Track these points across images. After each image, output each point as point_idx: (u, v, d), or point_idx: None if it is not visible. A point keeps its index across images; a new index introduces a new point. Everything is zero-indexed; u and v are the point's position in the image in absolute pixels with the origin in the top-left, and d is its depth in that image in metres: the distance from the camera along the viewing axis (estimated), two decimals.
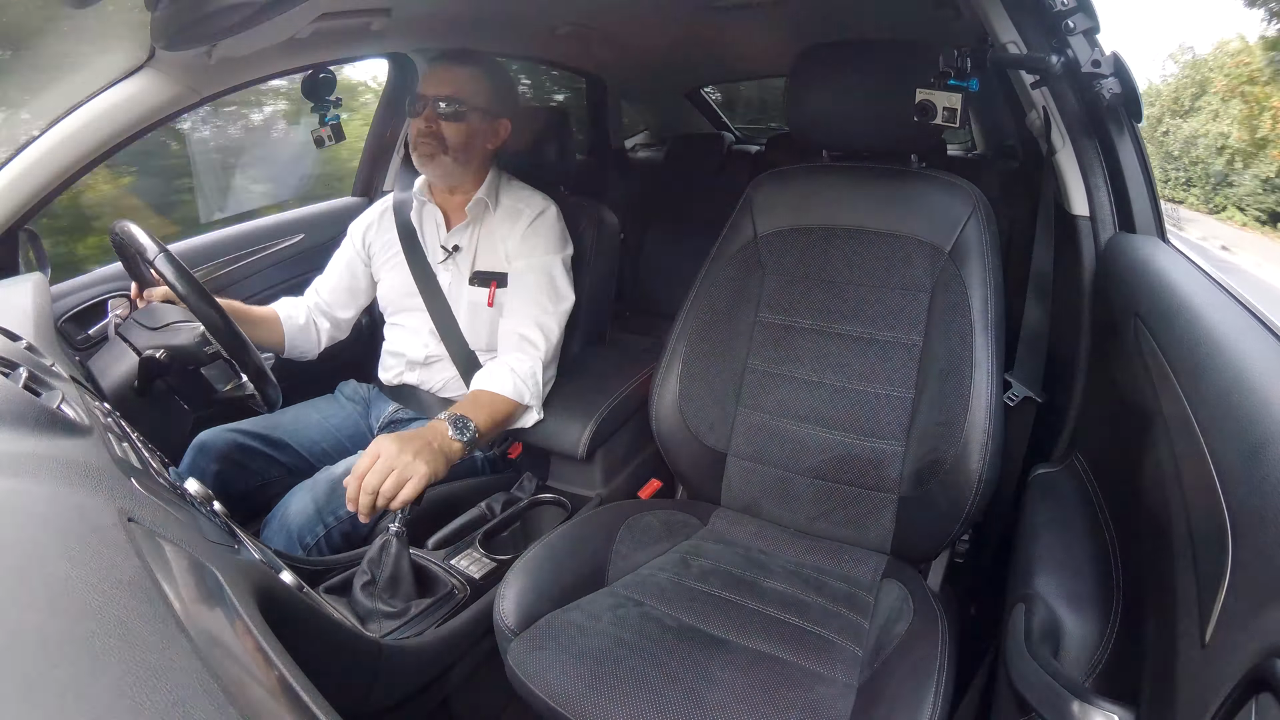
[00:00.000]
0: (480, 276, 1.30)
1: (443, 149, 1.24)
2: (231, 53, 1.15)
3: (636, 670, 0.84)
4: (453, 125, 1.24)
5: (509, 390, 1.15)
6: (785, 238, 1.20)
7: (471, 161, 1.28)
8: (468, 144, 1.26)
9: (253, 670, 0.40)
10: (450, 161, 1.25)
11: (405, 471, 0.93)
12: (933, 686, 0.79)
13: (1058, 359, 1.17)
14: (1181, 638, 0.52)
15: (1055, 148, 1.08)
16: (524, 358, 1.20)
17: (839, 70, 1.15)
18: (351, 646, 0.78)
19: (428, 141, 1.23)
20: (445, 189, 1.33)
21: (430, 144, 1.23)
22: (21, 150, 1.10)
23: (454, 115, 1.23)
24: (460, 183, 1.31)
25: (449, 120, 1.23)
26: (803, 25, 1.83)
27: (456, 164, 1.26)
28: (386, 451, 0.94)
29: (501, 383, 1.15)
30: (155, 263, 0.93)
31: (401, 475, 0.93)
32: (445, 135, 1.23)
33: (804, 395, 1.15)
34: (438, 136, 1.23)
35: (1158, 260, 0.90)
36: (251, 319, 1.27)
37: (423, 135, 1.24)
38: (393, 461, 0.93)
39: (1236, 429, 0.54)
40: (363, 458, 0.95)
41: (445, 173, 1.27)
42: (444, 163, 1.25)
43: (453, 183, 1.31)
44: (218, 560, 0.50)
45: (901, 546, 1.10)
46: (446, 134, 1.23)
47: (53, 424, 0.49)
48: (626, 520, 1.11)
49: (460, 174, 1.29)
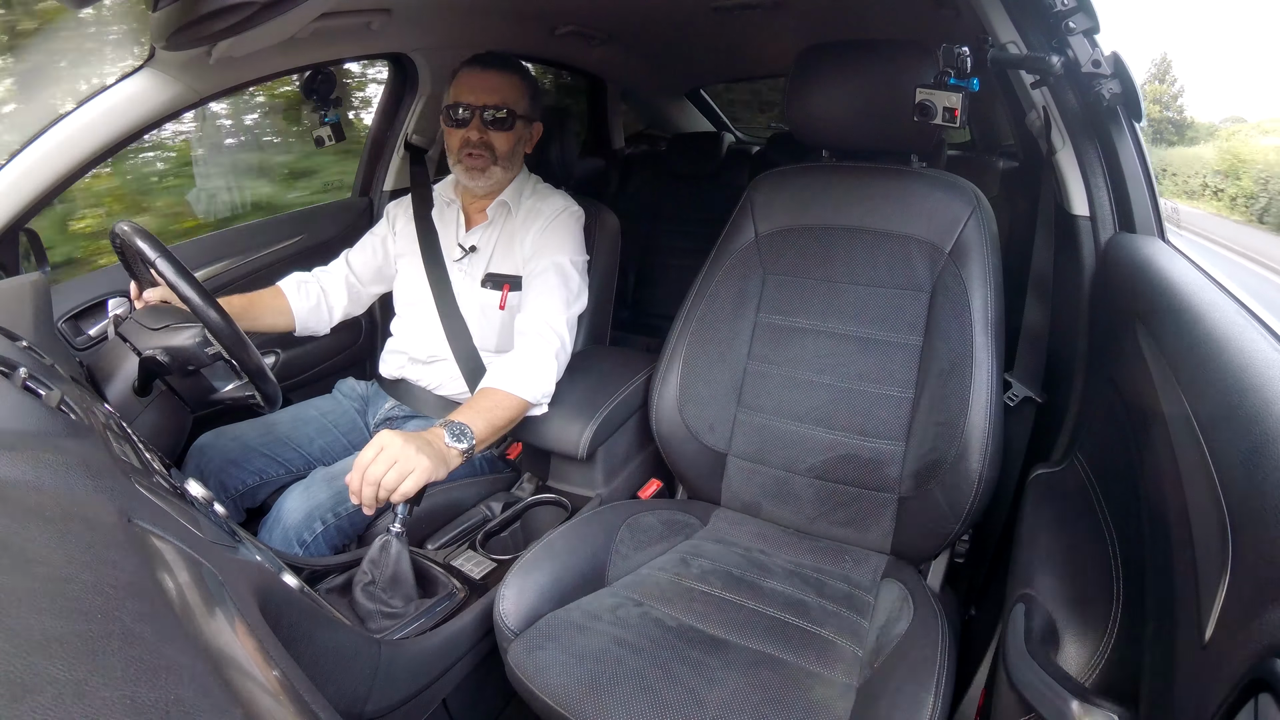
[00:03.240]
0: (493, 279, 1.30)
1: (494, 159, 1.23)
2: (231, 53, 1.15)
3: (636, 670, 0.84)
4: (501, 134, 1.23)
5: (523, 390, 1.12)
6: (785, 237, 1.20)
7: (513, 168, 1.28)
8: (513, 151, 1.25)
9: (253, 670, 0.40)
10: (500, 170, 1.25)
11: (407, 464, 0.92)
12: (933, 686, 0.79)
13: (1058, 359, 1.17)
14: (1181, 638, 0.52)
15: (1055, 148, 1.08)
16: (545, 354, 1.17)
17: (839, 70, 1.15)
18: (351, 646, 0.78)
19: (480, 153, 1.22)
20: (483, 194, 1.31)
21: (483, 155, 1.22)
22: (21, 150, 1.10)
23: (503, 124, 1.22)
24: (499, 188, 1.30)
25: (498, 129, 1.22)
26: (803, 25, 1.83)
27: (504, 171, 1.26)
28: (390, 444, 0.93)
29: (516, 383, 1.12)
30: (155, 263, 0.93)
31: (404, 468, 0.92)
32: (495, 144, 1.22)
33: (804, 395, 1.15)
34: (489, 146, 1.22)
35: (1158, 260, 0.90)
36: (258, 307, 1.27)
37: (473, 146, 1.22)
38: (396, 454, 0.92)
39: (1236, 429, 0.54)
40: (365, 450, 0.94)
41: (495, 182, 1.26)
42: (494, 172, 1.24)
43: (495, 189, 1.29)
44: (218, 560, 0.50)
45: (901, 546, 1.10)
46: (496, 143, 1.22)
47: (53, 424, 0.49)
48: (626, 520, 1.11)
49: (504, 181, 1.28)
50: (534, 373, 1.14)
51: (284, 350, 1.51)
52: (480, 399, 1.11)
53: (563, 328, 1.20)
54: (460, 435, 1.01)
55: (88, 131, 1.12)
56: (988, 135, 2.31)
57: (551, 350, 1.17)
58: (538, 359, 1.15)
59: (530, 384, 1.13)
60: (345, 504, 1.06)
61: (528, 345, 1.17)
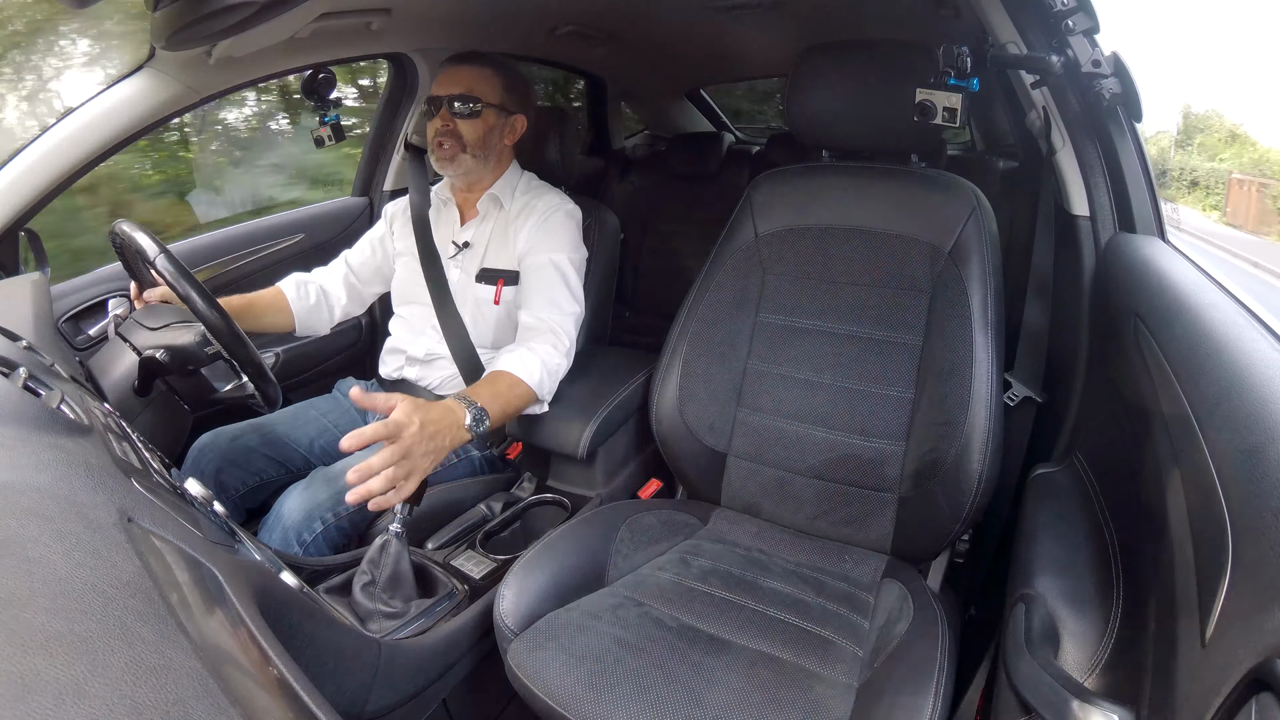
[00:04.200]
0: (487, 274, 1.30)
1: (461, 147, 1.25)
2: (231, 53, 1.15)
3: (636, 670, 0.84)
4: (468, 122, 1.24)
5: (534, 381, 1.12)
6: (785, 238, 1.20)
7: (490, 157, 1.29)
8: (485, 140, 1.27)
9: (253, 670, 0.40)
10: (470, 159, 1.26)
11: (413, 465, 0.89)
12: (933, 686, 0.79)
13: (1058, 359, 1.17)
14: (1181, 638, 0.52)
15: (1055, 148, 1.08)
16: (556, 351, 1.18)
17: (839, 70, 1.15)
18: (351, 646, 0.78)
19: (447, 141, 1.24)
20: (464, 186, 1.34)
21: (450, 143, 1.24)
22: (22, 150, 1.10)
23: (468, 112, 1.24)
24: (479, 179, 1.32)
25: (464, 118, 1.24)
26: (803, 25, 1.83)
27: (476, 160, 1.27)
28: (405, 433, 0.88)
29: (530, 371, 1.12)
30: (155, 263, 0.93)
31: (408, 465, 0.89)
32: (462, 133, 1.24)
33: (804, 395, 1.15)
34: (455, 135, 1.24)
35: (1158, 260, 0.90)
36: (259, 306, 1.28)
37: (441, 135, 1.24)
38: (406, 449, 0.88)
39: (1236, 429, 0.54)
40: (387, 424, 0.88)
41: (466, 170, 1.28)
42: (464, 161, 1.26)
43: (472, 179, 1.31)
44: (218, 560, 0.50)
45: (901, 546, 1.10)
46: (463, 131, 1.24)
47: (53, 424, 0.49)
48: (626, 520, 1.11)
49: (480, 170, 1.30)
50: (544, 367, 1.15)
51: (284, 350, 1.52)
52: (496, 379, 1.10)
53: (569, 326, 1.21)
54: (479, 421, 1.00)
55: (88, 131, 1.12)
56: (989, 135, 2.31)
57: (562, 350, 1.19)
58: (548, 354, 1.16)
59: (540, 377, 1.14)
60: (345, 504, 1.06)
61: (537, 341, 1.18)
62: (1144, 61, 0.93)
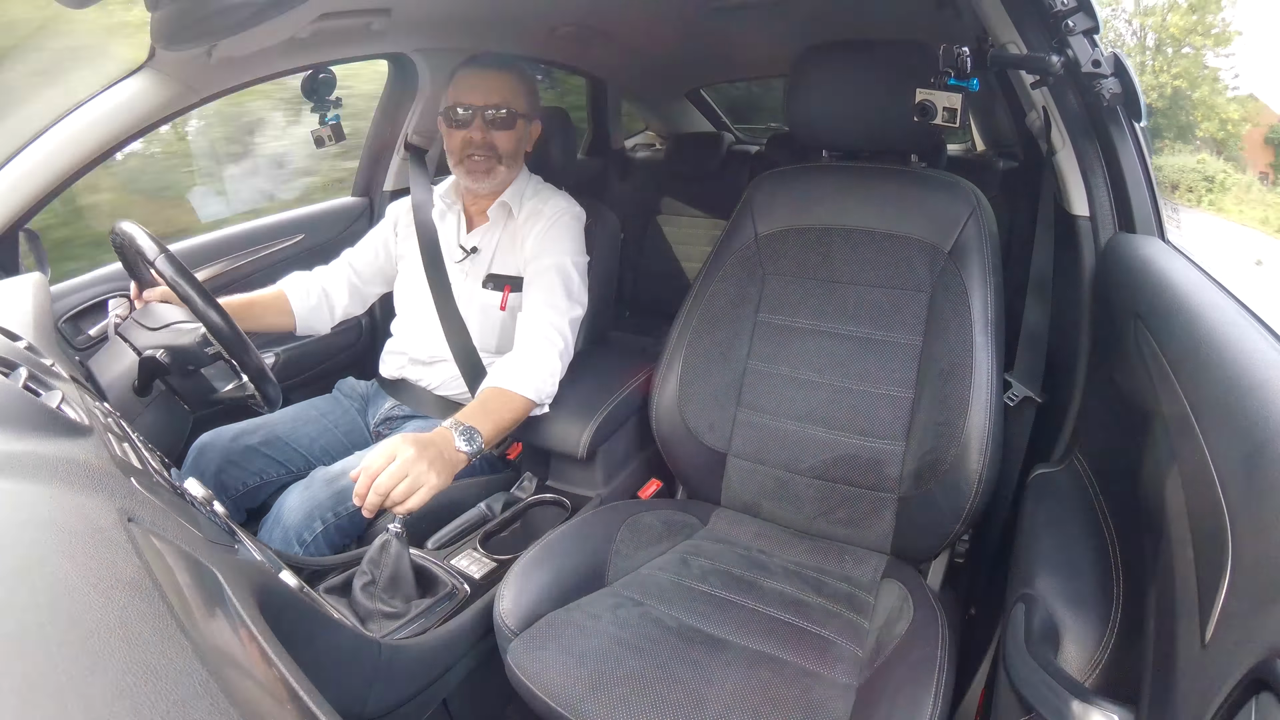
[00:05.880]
0: (494, 280, 1.30)
1: (497, 159, 1.22)
2: (231, 53, 1.15)
3: (636, 670, 0.84)
4: (504, 134, 1.22)
5: (528, 390, 1.12)
6: (785, 238, 1.20)
7: (515, 167, 1.28)
8: (516, 150, 1.25)
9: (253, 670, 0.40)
10: (504, 171, 1.25)
11: (418, 480, 0.92)
12: (933, 686, 0.79)
13: (1058, 359, 1.17)
14: (1181, 638, 0.52)
15: (1055, 148, 1.08)
16: (550, 353, 1.17)
17: (839, 70, 1.15)
18: (351, 646, 0.78)
19: (480, 154, 1.21)
20: (485, 194, 1.30)
21: (485, 156, 1.21)
22: (21, 150, 1.10)
23: (505, 123, 1.22)
24: (502, 189, 1.30)
25: (500, 129, 1.22)
26: (803, 25, 1.83)
27: (509, 171, 1.26)
28: (404, 455, 0.92)
29: (523, 383, 1.12)
30: (155, 263, 0.93)
31: (414, 483, 0.92)
32: (497, 144, 1.22)
33: (804, 395, 1.15)
34: (490, 147, 1.21)
35: (1158, 260, 0.90)
36: (259, 307, 1.27)
37: (475, 147, 1.21)
38: (408, 467, 0.92)
39: (1236, 429, 0.54)
40: (377, 455, 0.93)
41: (499, 183, 1.26)
42: (499, 173, 1.24)
43: (498, 190, 1.29)
44: (218, 560, 0.50)
45: (901, 546, 1.10)
46: (498, 143, 1.22)
47: (53, 424, 0.49)
48: (626, 520, 1.11)
49: (507, 181, 1.28)
50: (538, 372, 1.14)
51: (284, 350, 1.51)
52: (487, 399, 1.10)
53: (565, 328, 1.20)
54: (470, 439, 1.01)
55: (88, 131, 1.12)
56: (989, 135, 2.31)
57: (555, 350, 1.17)
58: (541, 359, 1.16)
59: (535, 384, 1.13)
60: (345, 504, 1.06)
61: (531, 345, 1.17)
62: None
